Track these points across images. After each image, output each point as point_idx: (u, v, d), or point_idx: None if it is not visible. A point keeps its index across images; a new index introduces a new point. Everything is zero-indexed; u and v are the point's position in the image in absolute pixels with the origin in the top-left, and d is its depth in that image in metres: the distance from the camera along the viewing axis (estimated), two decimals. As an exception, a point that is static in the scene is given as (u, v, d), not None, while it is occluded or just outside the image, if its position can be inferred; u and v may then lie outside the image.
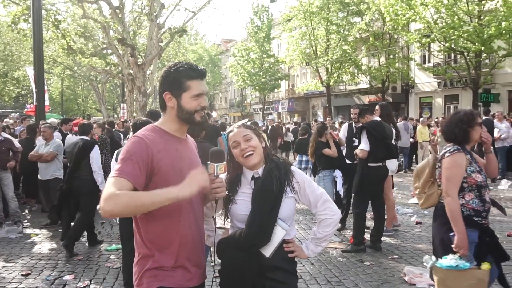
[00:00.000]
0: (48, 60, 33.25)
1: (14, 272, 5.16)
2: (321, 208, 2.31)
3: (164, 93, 2.04)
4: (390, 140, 5.84)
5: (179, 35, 21.84)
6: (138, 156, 1.90)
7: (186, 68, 2.04)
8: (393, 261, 5.42)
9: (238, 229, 2.28)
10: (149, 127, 2.08)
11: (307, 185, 2.32)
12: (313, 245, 2.39)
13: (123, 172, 1.85)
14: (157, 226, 1.98)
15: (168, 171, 1.97)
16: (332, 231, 2.35)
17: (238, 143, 2.25)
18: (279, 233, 2.23)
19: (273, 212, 2.22)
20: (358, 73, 27.25)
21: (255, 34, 35.02)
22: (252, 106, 45.61)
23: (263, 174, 2.28)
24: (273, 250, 2.23)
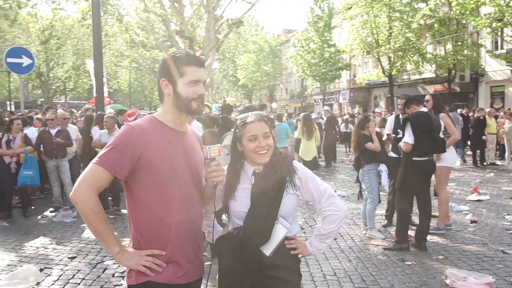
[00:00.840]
0: (116, 53, 34.95)
1: (62, 254, 5.46)
2: (325, 203, 2.20)
3: (161, 80, 2.03)
4: (437, 133, 5.47)
5: (236, 26, 21.97)
6: (124, 146, 1.89)
7: (182, 54, 2.04)
8: (437, 262, 5.10)
9: (236, 226, 2.21)
10: (146, 117, 2.07)
11: (310, 181, 2.21)
12: (317, 241, 2.28)
13: (104, 161, 1.88)
14: (146, 220, 1.96)
15: (158, 163, 1.94)
16: (337, 227, 2.23)
17: (257, 138, 2.14)
18: (280, 231, 2.15)
19: (273, 209, 2.14)
20: (423, 62, 25.87)
21: (315, 24, 34.39)
22: (313, 96, 45.02)
23: (263, 170, 2.19)
24: (274, 249, 2.15)
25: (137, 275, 1.95)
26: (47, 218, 7.32)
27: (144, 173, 1.92)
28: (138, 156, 1.90)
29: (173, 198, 1.98)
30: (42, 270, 4.83)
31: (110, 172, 1.87)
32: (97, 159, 1.89)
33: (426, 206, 5.61)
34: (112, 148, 1.89)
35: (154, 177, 1.93)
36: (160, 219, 1.96)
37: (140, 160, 1.90)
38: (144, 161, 1.91)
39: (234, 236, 2.16)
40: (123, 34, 22.89)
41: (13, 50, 10.61)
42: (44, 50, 35.03)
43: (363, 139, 6.06)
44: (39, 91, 42.57)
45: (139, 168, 1.91)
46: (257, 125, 2.16)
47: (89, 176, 1.87)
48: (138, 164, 1.90)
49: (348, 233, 6.33)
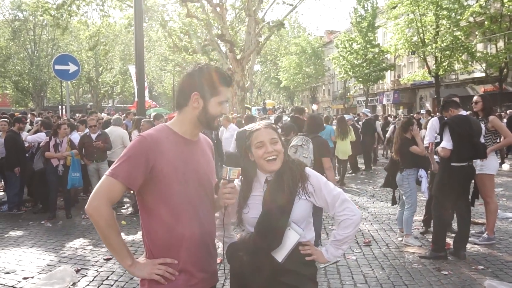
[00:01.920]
0: (161, 58, 35.92)
1: (98, 256, 5.65)
2: (339, 208, 2.16)
3: (193, 93, 2.01)
4: (477, 137, 5.21)
5: (277, 29, 21.98)
6: (137, 157, 1.90)
7: (219, 73, 2.04)
8: (476, 272, 4.85)
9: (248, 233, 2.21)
10: (159, 127, 2.07)
11: (323, 186, 2.19)
12: (333, 248, 2.22)
13: (117, 173, 1.89)
14: (159, 230, 1.97)
15: (170, 174, 1.95)
16: (353, 232, 2.18)
17: (263, 144, 2.16)
18: (292, 237, 2.13)
19: (284, 214, 2.12)
20: (472, 61, 24.84)
21: (358, 24, 33.81)
22: (356, 98, 44.28)
23: (274, 177, 2.19)
24: (286, 255, 2.13)
25: (149, 284, 1.97)
26: (87, 220, 7.60)
27: (157, 183, 1.93)
28: (151, 166, 1.91)
29: (185, 208, 1.99)
30: (78, 271, 5.01)
31: (123, 184, 1.89)
32: (111, 171, 1.90)
33: (465, 213, 5.37)
34: (125, 160, 1.90)
35: (166, 187, 1.94)
36: (172, 229, 1.97)
37: (153, 171, 1.91)
38: (157, 172, 1.92)
39: (245, 242, 2.16)
40: (166, 39, 23.43)
41: (61, 58, 11.12)
42: (93, 56, 36.59)
43: (406, 142, 5.85)
44: (89, 95, 44.43)
45: (152, 178, 1.93)
46: (263, 132, 2.19)
47: (103, 188, 1.89)
48: (151, 174, 1.92)
49: (383, 239, 6.16)
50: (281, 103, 66.05)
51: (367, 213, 7.81)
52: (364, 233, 6.50)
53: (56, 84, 36.65)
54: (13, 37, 35.64)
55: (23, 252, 5.82)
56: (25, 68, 36.55)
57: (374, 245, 5.93)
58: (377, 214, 7.70)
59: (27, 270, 5.09)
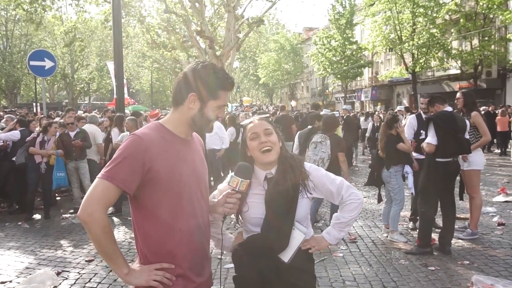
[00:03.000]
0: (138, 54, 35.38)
1: (80, 257, 5.48)
2: (346, 195, 2.20)
3: (191, 94, 1.89)
4: (462, 133, 5.24)
5: (257, 25, 21.87)
6: (133, 158, 1.78)
7: (221, 76, 1.93)
8: (462, 267, 4.89)
9: (252, 233, 2.16)
10: (152, 125, 1.95)
11: (325, 179, 2.21)
12: (336, 230, 2.25)
13: (113, 175, 1.76)
14: (155, 234, 1.87)
15: (167, 175, 1.85)
16: (356, 214, 2.23)
17: (258, 135, 2.14)
18: (298, 236, 2.13)
19: (290, 215, 2.12)
20: (448, 58, 25.30)
21: (337, 21, 34.01)
22: (334, 95, 44.60)
23: (276, 175, 2.15)
24: (292, 255, 2.12)
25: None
26: (67, 220, 7.39)
27: (153, 185, 1.83)
28: (147, 168, 1.80)
29: (183, 210, 1.89)
30: (59, 274, 4.84)
31: (120, 188, 1.76)
32: (105, 174, 1.76)
33: (450, 209, 5.41)
34: (120, 161, 1.77)
35: (163, 189, 1.84)
36: (169, 232, 1.87)
37: (149, 172, 1.80)
38: (153, 173, 1.81)
39: (252, 245, 2.12)
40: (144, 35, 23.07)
41: (36, 53, 10.78)
42: (69, 52, 35.73)
43: (392, 139, 5.85)
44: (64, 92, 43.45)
45: (148, 180, 1.81)
46: (257, 124, 2.18)
47: (98, 193, 1.75)
48: (147, 177, 1.80)
49: (368, 236, 6.16)
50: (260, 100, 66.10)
51: (351, 209, 7.80)
52: (350, 230, 6.48)
53: (30, 81, 35.70)
54: (-17, 32, 34.53)
55: (0, 255, 5.60)
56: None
57: (360, 242, 5.93)
58: (361, 210, 7.70)
59: (5, 274, 4.89)
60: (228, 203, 2.02)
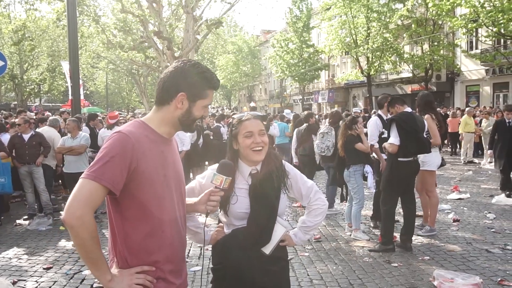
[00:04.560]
0: (93, 54, 34.34)
1: (37, 265, 5.22)
2: (313, 199, 2.36)
3: (180, 93, 1.83)
4: (422, 133, 5.43)
5: (216, 27, 21.79)
6: (121, 158, 1.69)
7: (210, 75, 1.89)
8: (423, 263, 5.05)
9: (235, 227, 2.24)
10: (135, 123, 1.87)
11: (299, 179, 2.35)
12: (301, 233, 2.41)
13: (100, 176, 1.66)
14: (136, 236, 1.79)
15: (152, 175, 1.79)
16: (321, 219, 2.41)
17: (253, 134, 2.19)
18: (279, 230, 2.25)
19: (274, 210, 2.23)
20: (400, 62, 26.21)
21: (294, 24, 34.47)
22: (292, 97, 45.14)
23: (262, 171, 2.23)
24: (273, 247, 2.23)
25: None
26: (21, 227, 7.03)
27: (137, 185, 1.75)
28: (133, 168, 1.72)
29: (165, 211, 1.84)
30: (15, 283, 4.59)
31: (107, 188, 1.67)
32: (91, 174, 1.66)
33: (410, 206, 5.59)
34: (108, 161, 1.67)
35: (147, 190, 1.77)
36: (152, 235, 1.81)
37: (134, 172, 1.73)
38: (138, 173, 1.74)
39: (237, 238, 2.19)
40: (99, 35, 22.43)
41: (-16, 52, 10.19)
42: (17, 51, 34.14)
43: (351, 139, 5.98)
44: (13, 93, 41.46)
45: (131, 180, 1.73)
46: (253, 122, 2.22)
47: (85, 194, 1.64)
48: (130, 176, 1.73)
49: (332, 235, 6.25)
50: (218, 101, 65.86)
51: (313, 209, 7.89)
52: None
53: (-27, 82, 33.84)
54: None
55: None
56: None
57: (325, 241, 6.01)
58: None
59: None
60: (212, 201, 2.01)
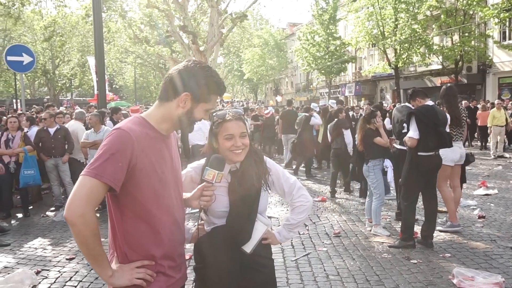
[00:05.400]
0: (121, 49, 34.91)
1: (60, 255, 5.38)
2: (296, 195, 2.33)
3: (184, 93, 1.85)
4: (443, 127, 5.29)
5: (240, 20, 21.75)
6: (121, 155, 1.71)
7: (217, 81, 1.92)
8: (444, 260, 4.94)
9: (214, 225, 2.20)
10: (135, 119, 1.88)
11: (281, 175, 2.33)
12: (285, 231, 2.40)
13: (101, 173, 1.68)
14: (135, 232, 1.82)
15: (150, 173, 1.81)
16: (305, 217, 2.39)
17: (233, 136, 2.14)
18: (260, 228, 2.22)
19: (254, 208, 2.20)
20: (429, 54, 25.55)
21: (320, 16, 34.04)
22: (319, 90, 44.73)
23: (242, 169, 2.20)
24: (254, 246, 2.20)
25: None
26: (48, 218, 7.25)
27: (135, 182, 1.77)
28: (132, 165, 1.74)
29: (164, 207, 1.87)
30: (38, 273, 4.74)
31: (108, 185, 1.69)
32: (92, 171, 1.67)
33: (432, 202, 5.46)
34: (108, 158, 1.69)
35: (145, 186, 1.80)
36: (150, 230, 1.84)
37: (133, 169, 1.75)
38: (137, 170, 1.76)
39: (216, 237, 2.16)
40: (126, 30, 22.77)
41: (13, 48, 10.50)
42: (49, 47, 35.05)
43: (370, 133, 5.89)
44: (45, 88, 42.65)
45: (131, 177, 1.76)
46: (234, 124, 2.16)
47: (86, 192, 1.66)
48: (129, 173, 1.75)
49: (352, 230, 6.19)
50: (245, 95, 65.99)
51: (335, 204, 7.84)
52: (333, 224, 6.51)
53: (10, 77, 34.92)
54: (-40, 27, 33.62)
55: (-22, 255, 5.47)
56: (-26, 60, 34.63)
57: (344, 236, 5.95)
58: (345, 205, 7.75)
59: (-17, 274, 4.78)
60: (205, 196, 2.02)
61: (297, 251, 5.34)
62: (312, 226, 6.44)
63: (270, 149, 14.68)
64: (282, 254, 5.22)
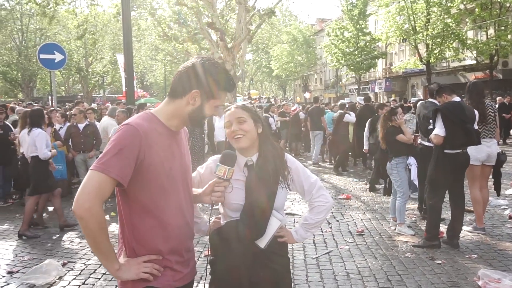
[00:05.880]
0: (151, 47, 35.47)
1: (86, 248, 5.49)
2: (316, 195, 2.30)
3: (194, 90, 1.87)
4: (471, 123, 5.12)
5: (268, 16, 21.70)
6: (129, 150, 1.74)
7: (226, 77, 1.95)
8: (470, 261, 4.80)
9: (230, 218, 2.20)
10: (144, 115, 1.91)
11: (301, 173, 2.29)
12: (303, 230, 2.36)
13: (109, 168, 1.71)
14: (143, 226, 1.85)
15: (158, 169, 1.83)
16: (324, 217, 2.35)
17: (230, 123, 2.16)
18: (274, 224, 2.20)
19: (269, 203, 2.18)
20: (463, 48, 24.79)
21: (350, 12, 33.57)
22: (348, 86, 44.19)
23: (258, 163, 2.18)
24: (268, 241, 2.19)
25: (133, 282, 1.85)
26: (76, 211, 7.44)
27: (143, 178, 1.80)
28: (140, 160, 1.77)
29: (171, 203, 1.89)
30: (65, 265, 4.89)
31: (116, 180, 1.73)
32: (100, 166, 1.71)
33: (458, 201, 5.31)
34: (116, 153, 1.72)
35: (153, 182, 1.83)
36: (158, 225, 1.86)
37: (141, 165, 1.78)
38: (145, 166, 1.79)
39: (231, 230, 2.16)
40: (156, 28, 23.10)
41: (46, 47, 10.82)
42: (83, 46, 35.98)
43: (392, 131, 5.78)
44: (79, 85, 43.83)
45: (138, 172, 1.79)
46: (232, 111, 2.18)
47: (94, 186, 1.70)
48: (138, 169, 1.78)
49: (376, 229, 6.10)
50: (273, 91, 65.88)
51: (360, 202, 7.74)
52: (357, 222, 6.43)
53: (46, 75, 36.08)
54: (-1, 26, 34.94)
55: (9, 245, 5.68)
56: (13, 58, 35.90)
57: (367, 234, 5.87)
58: (370, 203, 7.64)
59: (12, 264, 4.96)
60: (216, 192, 2.04)
61: (319, 249, 5.31)
62: (336, 224, 6.38)
63: (297, 146, 14.60)
64: (303, 252, 5.20)
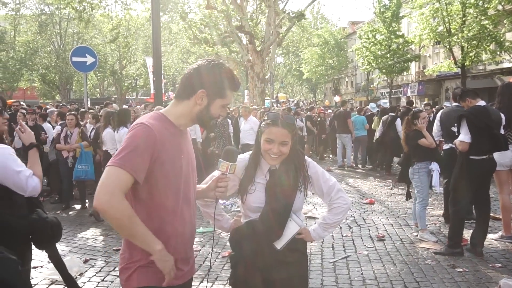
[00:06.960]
0: (183, 50, 36.04)
1: (108, 246, 5.65)
2: (335, 197, 2.37)
3: (201, 90, 1.93)
4: (497, 129, 4.95)
5: (298, 19, 21.67)
6: (144, 148, 1.80)
7: (231, 76, 2.00)
8: (493, 270, 4.64)
9: (250, 219, 2.31)
10: (155, 115, 1.97)
11: (320, 176, 2.37)
12: (320, 229, 2.43)
13: (127, 164, 1.76)
14: (152, 224, 1.88)
15: (169, 167, 1.89)
16: (342, 218, 2.42)
17: (273, 142, 2.21)
18: (292, 227, 2.28)
19: (287, 207, 2.27)
20: (500, 51, 23.96)
21: (382, 14, 33.06)
22: (379, 90, 43.52)
23: (280, 169, 2.29)
24: (285, 243, 2.28)
25: (139, 278, 1.90)
26: (102, 210, 7.64)
27: (155, 176, 1.86)
28: (154, 158, 1.83)
29: (179, 201, 1.95)
30: (86, 261, 5.03)
31: (132, 176, 1.77)
32: (119, 162, 1.75)
33: (484, 208, 5.15)
34: (132, 150, 1.78)
35: (164, 180, 1.88)
36: (165, 223, 1.92)
37: (154, 163, 1.83)
38: (157, 165, 1.85)
39: (249, 231, 2.28)
40: (187, 31, 23.46)
41: (78, 50, 11.21)
42: (117, 49, 36.94)
43: (414, 135, 5.66)
44: (113, 88, 44.98)
45: (151, 171, 1.84)
46: (278, 131, 2.21)
47: (111, 179, 1.75)
48: (151, 167, 1.83)
49: (397, 234, 5.98)
50: (304, 94, 65.63)
51: (383, 207, 7.61)
52: (379, 227, 6.33)
53: (81, 77, 37.14)
54: (39, 31, 36.26)
55: (36, 241, 5.88)
56: (51, 61, 37.21)
57: (388, 240, 5.77)
58: (394, 208, 7.49)
59: (37, 260, 5.13)
60: (220, 187, 2.10)
61: (337, 253, 5.25)
62: (357, 228, 6.30)
63: (322, 149, 14.53)
64: (321, 256, 5.16)
